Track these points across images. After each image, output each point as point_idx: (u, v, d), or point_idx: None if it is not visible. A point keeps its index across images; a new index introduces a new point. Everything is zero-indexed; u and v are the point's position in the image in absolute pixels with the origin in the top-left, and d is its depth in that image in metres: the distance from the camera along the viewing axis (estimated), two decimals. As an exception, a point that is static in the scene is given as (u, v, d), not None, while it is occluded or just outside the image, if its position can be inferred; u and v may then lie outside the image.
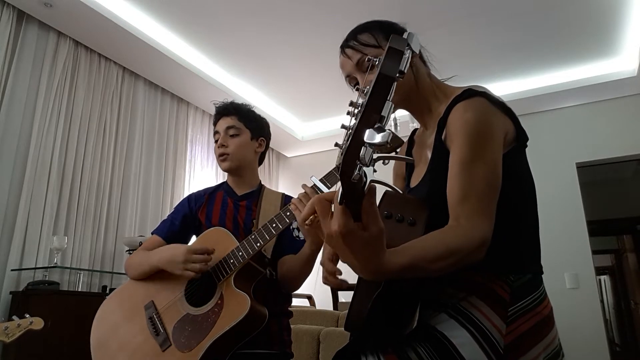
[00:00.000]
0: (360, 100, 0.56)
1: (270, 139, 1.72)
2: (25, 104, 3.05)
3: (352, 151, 0.51)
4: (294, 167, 5.68)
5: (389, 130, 0.50)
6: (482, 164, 0.86)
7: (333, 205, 0.64)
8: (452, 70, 1.13)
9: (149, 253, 1.48)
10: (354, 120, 0.53)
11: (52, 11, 3.10)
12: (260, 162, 1.71)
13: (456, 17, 3.38)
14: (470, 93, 0.95)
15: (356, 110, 0.55)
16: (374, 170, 0.54)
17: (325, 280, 1.02)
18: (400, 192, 0.64)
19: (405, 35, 0.53)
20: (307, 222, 0.69)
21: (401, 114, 3.77)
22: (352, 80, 1.08)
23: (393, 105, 0.52)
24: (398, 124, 3.72)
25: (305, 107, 4.80)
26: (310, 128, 5.21)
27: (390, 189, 0.60)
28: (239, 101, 1.69)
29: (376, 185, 0.59)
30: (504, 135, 0.92)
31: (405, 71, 0.52)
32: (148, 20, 3.46)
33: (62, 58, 3.29)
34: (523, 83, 4.24)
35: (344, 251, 0.66)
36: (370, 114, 0.50)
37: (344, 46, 1.07)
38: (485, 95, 0.94)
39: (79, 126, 3.34)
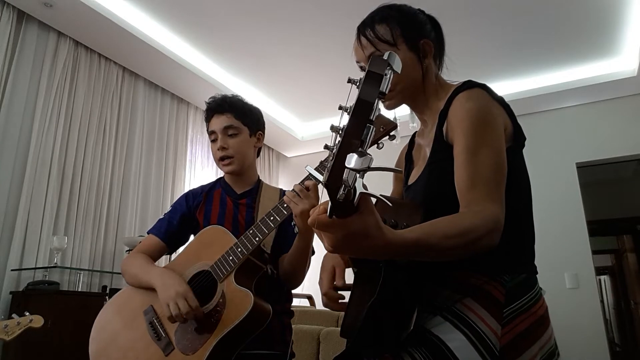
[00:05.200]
0: (344, 121, 0.55)
1: (265, 128, 1.66)
2: (25, 104, 3.05)
3: (335, 174, 0.52)
4: (293, 167, 5.68)
5: (370, 155, 0.51)
6: (488, 151, 0.87)
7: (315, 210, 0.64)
8: (451, 70, 1.13)
9: (149, 269, 1.42)
10: (339, 138, 0.54)
11: (52, 11, 3.10)
12: (257, 154, 1.66)
13: (455, 17, 3.38)
14: (471, 84, 0.96)
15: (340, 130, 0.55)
16: (363, 185, 0.54)
17: (327, 306, 1.01)
18: (390, 204, 0.65)
19: (385, 56, 0.53)
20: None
21: (401, 114, 3.76)
22: (362, 68, 1.07)
23: (374, 129, 0.52)
24: (398, 125, 3.72)
25: (305, 107, 4.80)
26: (310, 128, 5.21)
27: (380, 199, 0.62)
28: (237, 95, 1.63)
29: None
30: (504, 127, 0.93)
31: (387, 92, 0.52)
32: (148, 20, 3.46)
33: (62, 58, 3.29)
34: (523, 83, 4.24)
35: (350, 250, 0.66)
36: (350, 139, 0.51)
37: (361, 32, 1.05)
38: (485, 87, 0.96)
39: (79, 126, 3.33)
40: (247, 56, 3.91)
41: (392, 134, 1.11)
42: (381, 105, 1.09)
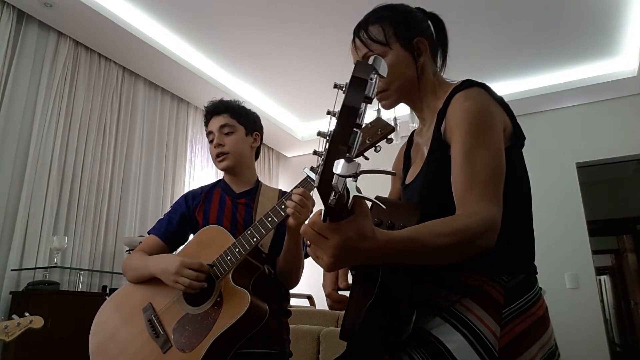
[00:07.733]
0: (332, 126, 0.55)
1: (263, 132, 1.71)
2: (25, 104, 3.05)
3: (324, 179, 0.52)
4: (293, 167, 5.68)
5: (357, 161, 0.50)
6: (485, 151, 0.86)
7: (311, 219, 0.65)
8: (451, 70, 1.13)
9: (147, 259, 1.47)
10: (327, 144, 0.53)
11: (52, 11, 3.10)
12: (256, 156, 1.70)
13: (456, 17, 3.38)
14: (470, 83, 0.96)
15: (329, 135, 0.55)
16: (357, 188, 0.54)
17: (332, 307, 1.01)
18: (384, 207, 0.65)
19: (371, 60, 0.53)
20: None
21: (401, 114, 3.77)
22: None
23: (361, 134, 0.52)
24: (398, 124, 3.72)
25: (305, 107, 4.80)
26: (310, 128, 5.21)
27: (375, 202, 0.62)
28: (236, 100, 1.68)
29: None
30: (503, 127, 0.93)
31: (373, 96, 0.51)
32: (148, 20, 3.46)
33: (62, 58, 3.29)
34: (523, 83, 4.24)
35: (348, 257, 0.67)
36: (337, 145, 0.51)
37: (355, 34, 1.06)
38: (485, 87, 0.95)
39: (79, 126, 3.33)
40: (247, 56, 3.91)
41: (389, 137, 1.11)
42: (381, 106, 1.09)
